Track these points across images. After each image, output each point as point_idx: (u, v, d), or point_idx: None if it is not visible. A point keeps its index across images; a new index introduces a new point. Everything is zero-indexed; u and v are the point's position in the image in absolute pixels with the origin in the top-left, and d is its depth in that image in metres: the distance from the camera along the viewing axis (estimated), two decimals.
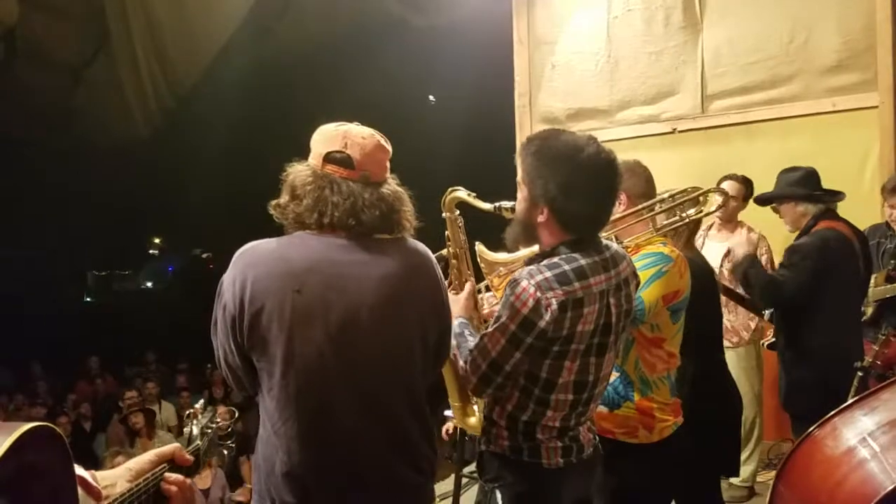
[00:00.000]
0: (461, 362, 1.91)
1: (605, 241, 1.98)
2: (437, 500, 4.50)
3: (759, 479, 4.31)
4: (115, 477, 1.26)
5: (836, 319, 3.42)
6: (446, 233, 2.30)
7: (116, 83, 9.09)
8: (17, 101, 9.19)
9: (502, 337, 1.81)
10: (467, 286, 2.19)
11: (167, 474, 1.29)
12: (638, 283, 2.08)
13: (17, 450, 1.08)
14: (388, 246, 1.75)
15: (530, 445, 1.92)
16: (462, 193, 2.20)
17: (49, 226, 14.20)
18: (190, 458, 1.35)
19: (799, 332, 3.48)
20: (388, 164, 1.83)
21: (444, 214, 2.28)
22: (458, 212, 2.27)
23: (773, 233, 4.28)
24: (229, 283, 1.68)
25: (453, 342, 1.95)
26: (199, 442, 1.62)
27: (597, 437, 2.08)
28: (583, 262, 1.83)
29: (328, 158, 1.73)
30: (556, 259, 1.84)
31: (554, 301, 1.76)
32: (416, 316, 1.74)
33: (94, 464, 6.54)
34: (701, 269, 3.05)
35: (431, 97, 12.77)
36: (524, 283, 1.80)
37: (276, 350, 1.63)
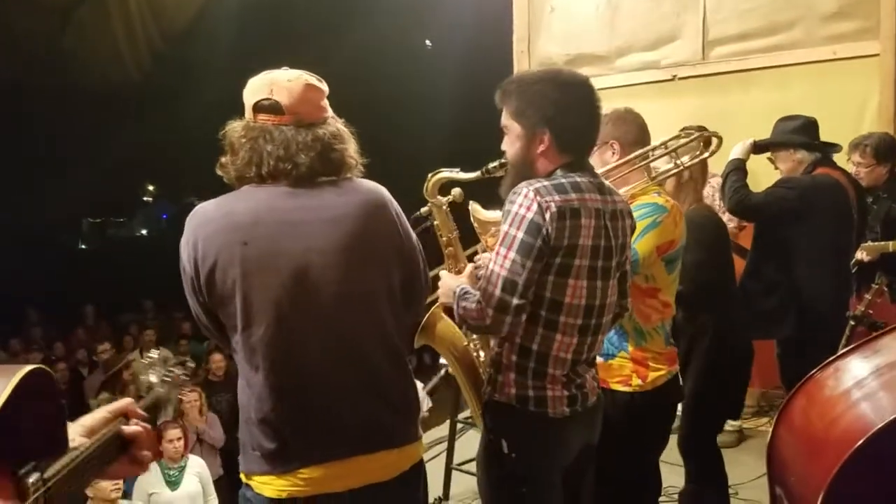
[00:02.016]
0: (472, 305, 1.87)
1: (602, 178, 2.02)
2: (429, 445, 4.57)
3: (747, 423, 4.39)
4: (70, 433, 1.27)
5: (813, 258, 3.46)
6: (435, 223, 2.25)
7: (106, 25, 8.92)
8: (5, 44, 9.02)
9: (510, 250, 1.81)
10: (468, 268, 2.16)
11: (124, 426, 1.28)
12: (633, 224, 2.08)
13: (18, 391, 1.11)
14: (336, 188, 1.73)
15: (537, 394, 1.92)
16: (446, 173, 2.16)
17: (41, 172, 14.07)
18: (142, 413, 1.33)
19: (770, 265, 3.54)
20: (323, 104, 1.79)
21: (429, 202, 2.22)
22: (441, 197, 2.21)
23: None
24: (184, 245, 1.70)
25: (461, 303, 1.91)
26: (160, 390, 1.64)
27: (600, 388, 2.10)
28: (578, 179, 1.89)
29: (257, 108, 1.73)
30: (553, 178, 1.90)
31: (553, 204, 1.80)
32: (375, 256, 1.72)
33: (87, 410, 6.63)
34: (713, 222, 3.06)
35: (428, 41, 12.57)
36: (524, 191, 1.83)
37: (235, 304, 1.65)
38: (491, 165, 2.05)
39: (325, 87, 1.80)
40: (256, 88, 1.75)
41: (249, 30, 10.27)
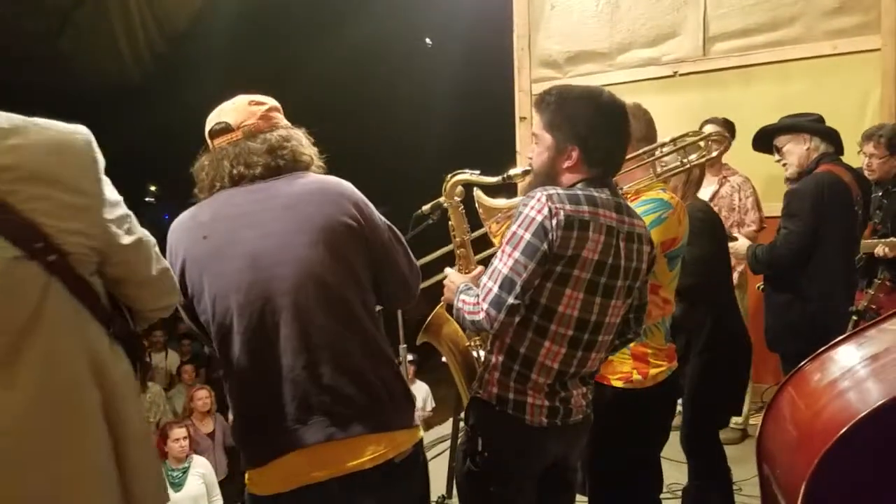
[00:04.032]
0: (470, 299, 1.89)
1: (623, 199, 2.03)
2: (432, 444, 4.58)
3: (751, 421, 4.39)
4: None
5: (829, 265, 3.43)
6: (450, 223, 2.26)
7: (106, 26, 8.92)
8: (3, 45, 9.02)
9: (515, 250, 1.83)
10: (476, 270, 2.19)
11: None
12: (652, 251, 2.07)
13: None
14: (291, 179, 1.80)
15: (517, 398, 1.93)
16: (466, 175, 2.18)
17: None
18: None
19: (792, 277, 3.51)
20: (271, 115, 1.88)
21: (444, 203, 2.24)
22: (458, 198, 2.22)
23: (754, 177, 4.34)
24: (167, 254, 1.78)
25: (461, 296, 1.94)
26: None
27: (590, 407, 2.08)
28: (595, 194, 1.90)
29: (212, 134, 1.87)
30: (571, 189, 1.92)
31: (561, 212, 1.81)
32: (331, 239, 1.73)
33: None
34: (711, 219, 3.05)
35: (428, 40, 12.55)
36: (537, 195, 1.85)
37: (206, 298, 1.72)
38: (512, 172, 2.07)
39: (269, 100, 1.91)
40: (209, 120, 1.89)
41: (250, 30, 10.26)
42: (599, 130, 1.93)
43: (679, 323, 2.92)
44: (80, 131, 1.44)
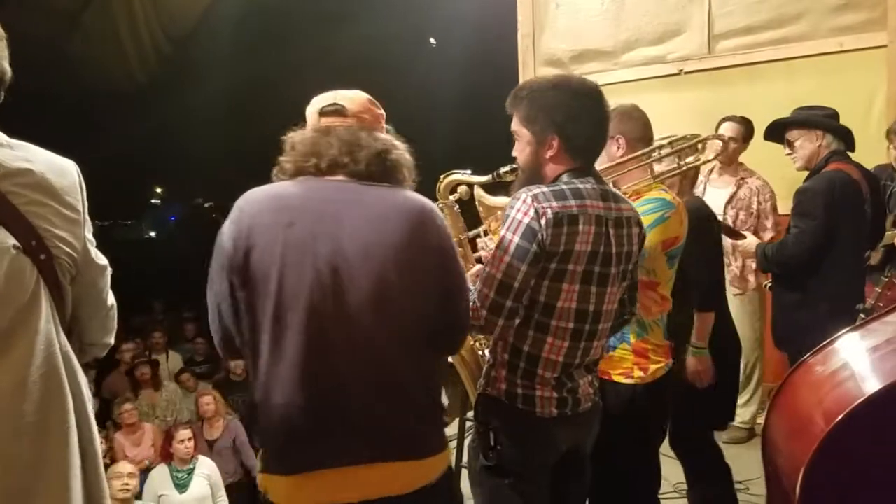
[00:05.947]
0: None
1: (609, 185, 2.03)
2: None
3: (759, 420, 4.38)
4: None
5: (841, 264, 3.40)
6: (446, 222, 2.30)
7: (112, 29, 8.95)
8: (11, 48, 9.06)
9: (506, 254, 1.84)
10: (474, 269, 2.19)
11: None
12: (642, 232, 2.08)
13: None
14: (390, 193, 1.71)
15: (526, 393, 1.94)
16: (458, 175, 2.22)
17: None
18: None
19: (803, 276, 3.48)
20: (382, 122, 1.84)
21: (439, 203, 2.25)
22: (452, 198, 2.26)
23: (773, 176, 4.30)
24: (227, 224, 1.69)
25: None
26: None
27: (598, 394, 2.09)
28: (580, 185, 1.91)
29: (322, 113, 1.78)
30: (555, 184, 1.93)
31: (549, 211, 1.82)
32: (413, 267, 1.66)
33: (107, 409, 6.59)
34: (702, 215, 3.03)
35: (432, 40, 12.56)
36: (522, 196, 1.87)
37: (269, 286, 1.62)
38: (502, 170, 2.11)
39: (382, 111, 1.86)
40: (320, 100, 1.81)
41: (255, 30, 10.29)
42: (574, 115, 1.93)
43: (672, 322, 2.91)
44: (71, 162, 1.67)
